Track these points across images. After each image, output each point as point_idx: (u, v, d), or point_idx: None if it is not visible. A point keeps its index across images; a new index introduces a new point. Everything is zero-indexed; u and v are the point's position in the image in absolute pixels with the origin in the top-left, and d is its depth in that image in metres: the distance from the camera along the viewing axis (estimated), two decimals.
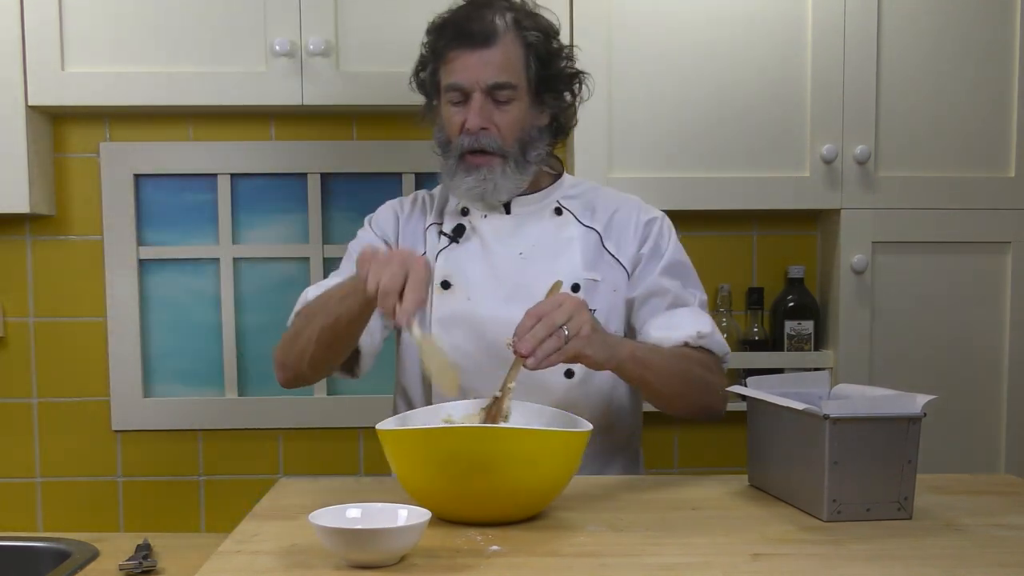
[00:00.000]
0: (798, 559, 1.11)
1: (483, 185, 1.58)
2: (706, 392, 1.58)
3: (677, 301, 1.62)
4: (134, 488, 2.25)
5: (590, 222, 1.66)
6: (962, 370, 2.11)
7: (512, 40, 1.56)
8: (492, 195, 1.60)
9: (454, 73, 1.56)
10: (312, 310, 1.53)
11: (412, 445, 1.21)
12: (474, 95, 1.55)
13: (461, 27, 1.55)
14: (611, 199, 1.70)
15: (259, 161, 2.21)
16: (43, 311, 2.22)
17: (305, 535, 1.18)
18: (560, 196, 1.68)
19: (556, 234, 1.64)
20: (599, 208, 1.67)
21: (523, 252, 1.62)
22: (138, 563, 1.49)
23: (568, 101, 1.65)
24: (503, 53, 1.55)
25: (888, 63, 2.06)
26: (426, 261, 1.34)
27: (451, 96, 1.57)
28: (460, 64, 1.55)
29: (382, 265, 1.31)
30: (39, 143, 2.09)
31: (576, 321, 1.34)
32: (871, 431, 1.24)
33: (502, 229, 1.63)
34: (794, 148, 2.06)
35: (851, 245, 2.08)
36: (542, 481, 1.23)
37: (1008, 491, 1.42)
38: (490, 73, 1.54)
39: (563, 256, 1.62)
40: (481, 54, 1.54)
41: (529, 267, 1.60)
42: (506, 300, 1.57)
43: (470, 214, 1.65)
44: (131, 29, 2.01)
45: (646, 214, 1.68)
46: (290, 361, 1.56)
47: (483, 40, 1.54)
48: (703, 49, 2.05)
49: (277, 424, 2.24)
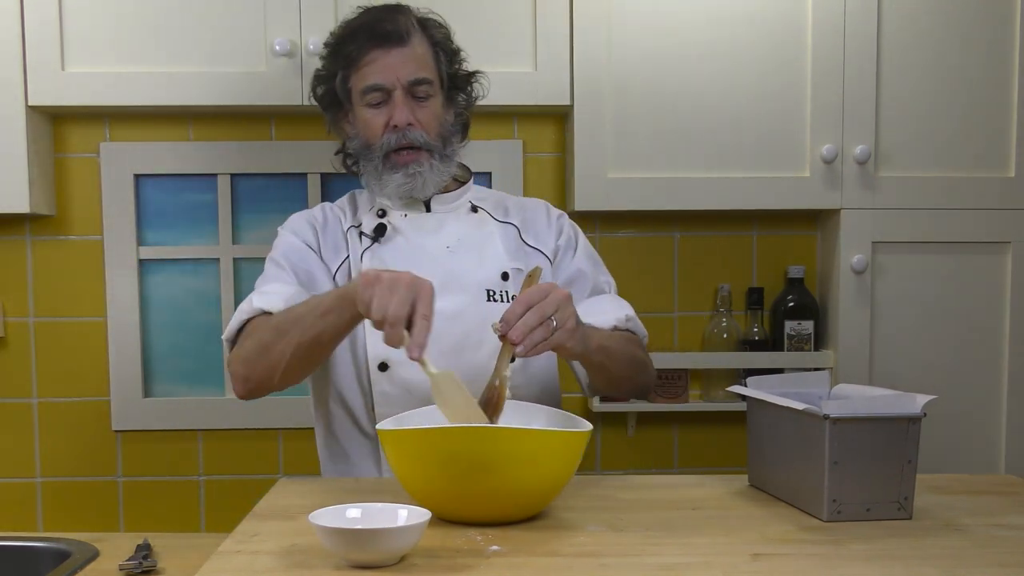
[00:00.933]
0: (798, 559, 1.11)
1: (412, 181, 1.62)
2: (644, 372, 1.66)
3: (595, 288, 1.70)
4: (134, 488, 2.25)
5: (505, 218, 1.72)
6: (962, 370, 2.11)
7: (421, 39, 1.63)
8: (421, 190, 1.64)
9: (373, 75, 1.60)
10: (282, 325, 1.49)
11: (412, 445, 1.21)
12: (395, 93, 1.60)
13: (374, 29, 1.60)
14: (519, 201, 1.78)
15: (259, 161, 2.21)
16: (43, 311, 2.22)
17: (305, 535, 1.18)
18: (471, 198, 1.73)
19: (477, 228, 1.69)
20: (510, 208, 1.75)
21: (450, 245, 1.66)
22: (138, 563, 1.49)
23: (471, 99, 1.73)
24: (417, 50, 1.62)
25: (888, 63, 2.06)
26: (432, 285, 1.31)
27: (371, 98, 1.61)
28: (379, 65, 1.60)
29: (388, 290, 1.28)
30: (39, 143, 2.09)
31: (563, 313, 1.35)
32: (871, 431, 1.24)
33: (425, 225, 1.67)
34: (794, 148, 2.07)
35: (851, 245, 2.08)
36: (542, 481, 1.23)
37: (1008, 491, 1.42)
38: (410, 69, 1.60)
39: (488, 247, 1.67)
40: (398, 52, 1.60)
41: (457, 259, 1.64)
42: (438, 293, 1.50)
43: (388, 215, 1.67)
44: (131, 29, 2.01)
45: (555, 211, 1.76)
46: (256, 374, 1.52)
47: (398, 39, 1.60)
48: (703, 49, 2.05)
49: (277, 424, 2.24)
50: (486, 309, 1.60)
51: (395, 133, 1.61)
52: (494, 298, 1.63)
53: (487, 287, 1.63)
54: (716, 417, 2.24)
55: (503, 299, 1.63)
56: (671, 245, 2.26)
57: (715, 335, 2.20)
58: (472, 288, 1.62)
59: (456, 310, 1.59)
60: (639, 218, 2.23)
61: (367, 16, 1.64)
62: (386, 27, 1.60)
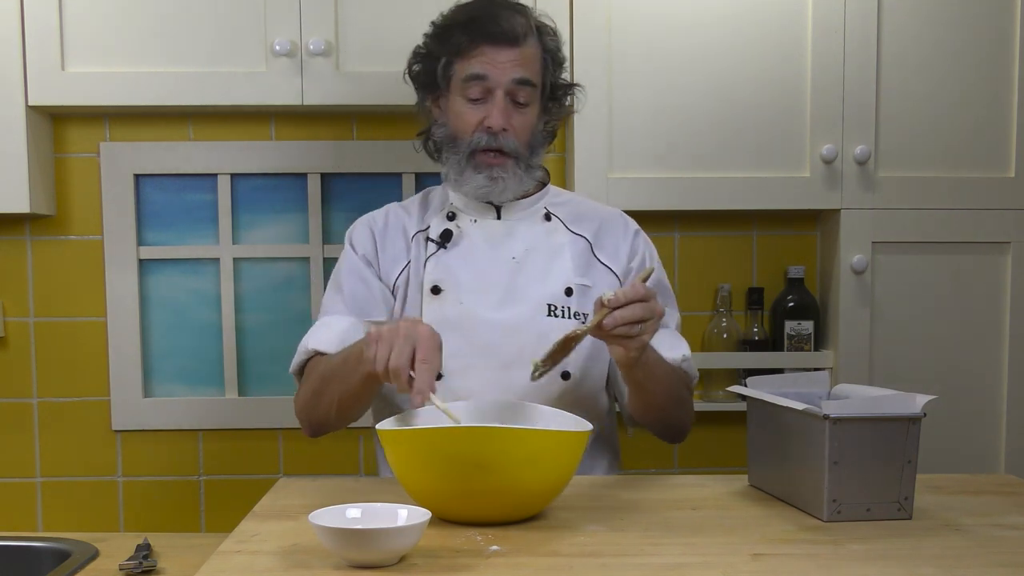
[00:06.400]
0: (798, 559, 1.11)
1: (493, 185, 1.59)
2: (683, 410, 1.62)
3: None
4: (134, 488, 2.25)
5: (578, 230, 1.68)
6: (962, 370, 2.11)
7: (534, 43, 1.60)
8: (500, 196, 1.61)
9: (480, 65, 1.56)
10: (327, 374, 1.51)
11: (412, 445, 1.21)
12: (496, 93, 1.57)
13: (489, 25, 1.56)
14: (596, 210, 1.73)
15: (259, 161, 2.21)
16: (43, 311, 2.22)
17: (305, 535, 1.18)
18: (547, 203, 1.69)
19: (547, 239, 1.65)
20: (586, 217, 1.70)
21: (516, 256, 1.62)
22: (138, 563, 1.49)
23: (563, 110, 1.70)
24: (528, 54, 1.58)
25: (888, 63, 2.06)
26: (431, 330, 1.32)
27: (471, 90, 1.57)
28: (487, 59, 1.56)
29: (387, 345, 1.30)
30: (39, 143, 2.09)
31: (651, 326, 1.35)
32: (871, 431, 1.24)
33: (494, 234, 1.64)
34: (794, 148, 2.07)
35: (851, 245, 2.08)
36: (542, 481, 1.23)
37: (1008, 491, 1.42)
38: (517, 70, 1.57)
39: (556, 261, 1.63)
40: (510, 51, 1.56)
41: (522, 271, 1.61)
42: (499, 304, 1.58)
43: (457, 219, 1.65)
44: (131, 29, 2.01)
45: (631, 226, 1.72)
46: (314, 420, 1.57)
47: (512, 39, 1.56)
48: (703, 49, 2.05)
49: (277, 424, 2.24)
50: (545, 324, 1.57)
51: (487, 134, 1.57)
52: (555, 313, 1.59)
53: (549, 302, 1.59)
54: (716, 417, 2.24)
55: (564, 315, 1.59)
56: (671, 245, 2.26)
57: (715, 335, 2.20)
58: (533, 302, 1.59)
59: (514, 324, 1.57)
60: (639, 218, 2.21)
61: (486, 8, 1.59)
62: (502, 24, 1.56)
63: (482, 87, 1.57)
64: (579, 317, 1.60)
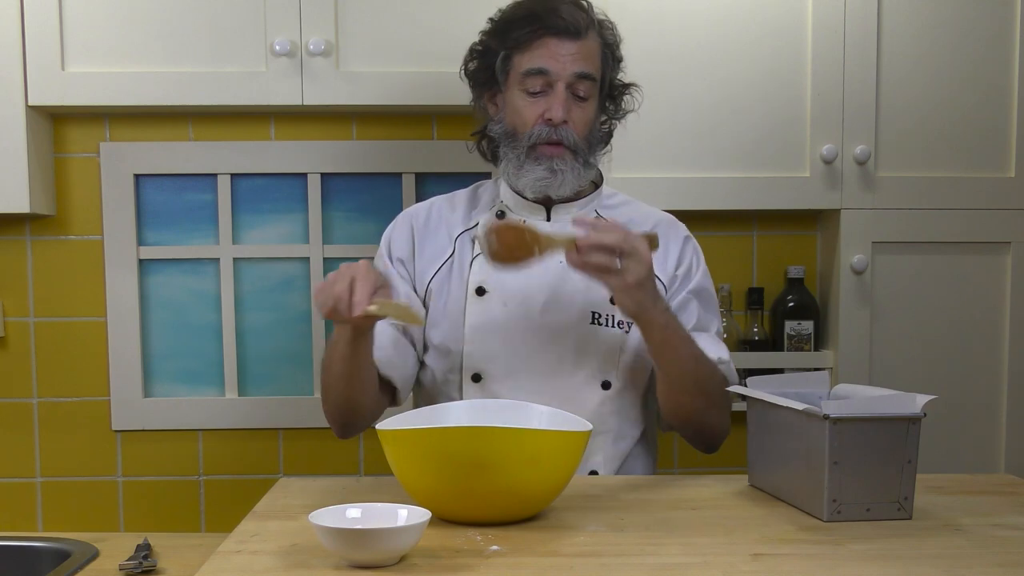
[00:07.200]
0: (798, 559, 1.11)
1: (552, 177, 1.57)
2: (715, 410, 1.58)
3: (699, 325, 1.62)
4: (134, 488, 2.25)
5: None
6: (962, 370, 2.11)
7: (595, 37, 1.59)
8: (558, 189, 1.59)
9: (540, 59, 1.55)
10: (325, 362, 1.53)
11: (412, 445, 1.21)
12: (557, 86, 1.55)
13: (550, 17, 1.55)
14: (647, 215, 1.70)
15: (259, 161, 2.21)
16: (43, 311, 2.22)
17: (305, 535, 1.18)
18: (598, 206, 1.67)
19: None
20: (635, 222, 1.65)
21: (563, 261, 1.60)
22: (138, 563, 1.50)
23: (620, 110, 1.68)
24: (589, 47, 1.57)
25: (888, 63, 2.06)
26: (368, 263, 1.34)
27: (531, 84, 1.56)
28: (549, 51, 1.55)
29: (329, 284, 1.32)
30: (39, 143, 2.09)
31: (634, 268, 1.36)
32: (871, 431, 1.24)
33: None
34: (794, 148, 2.06)
35: (851, 245, 2.08)
36: (542, 481, 1.23)
37: (1008, 491, 1.42)
38: (578, 63, 1.55)
39: None
40: (571, 44, 1.55)
41: (569, 275, 1.55)
42: (544, 309, 1.57)
43: (506, 218, 1.62)
44: (131, 29, 2.01)
45: (682, 232, 1.69)
46: (332, 413, 1.57)
47: (574, 32, 1.55)
48: (703, 50, 2.05)
49: (277, 424, 2.24)
50: (589, 332, 1.57)
51: (547, 126, 1.55)
52: (598, 321, 1.58)
53: (593, 309, 1.58)
54: None
55: (608, 323, 1.58)
56: None
57: None
58: (577, 308, 1.58)
59: (559, 329, 1.57)
60: None
61: (546, 2, 1.57)
62: (564, 17, 1.54)
63: (543, 80, 1.55)
64: (623, 326, 1.59)
